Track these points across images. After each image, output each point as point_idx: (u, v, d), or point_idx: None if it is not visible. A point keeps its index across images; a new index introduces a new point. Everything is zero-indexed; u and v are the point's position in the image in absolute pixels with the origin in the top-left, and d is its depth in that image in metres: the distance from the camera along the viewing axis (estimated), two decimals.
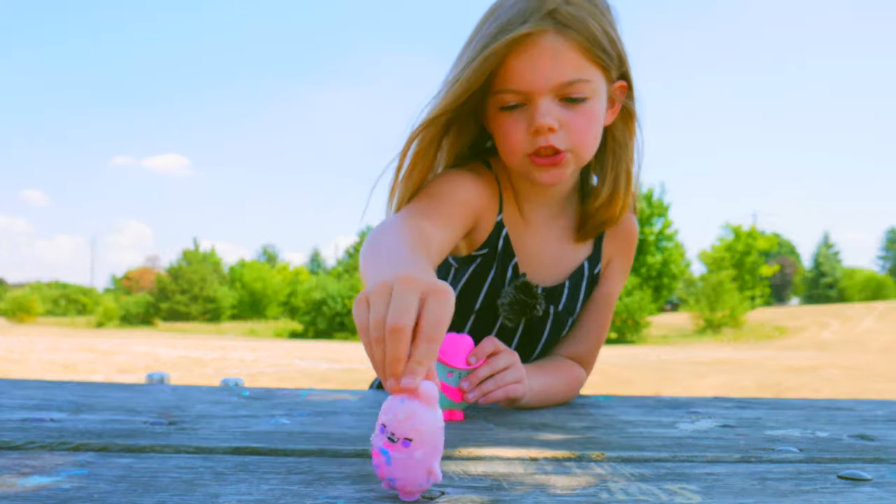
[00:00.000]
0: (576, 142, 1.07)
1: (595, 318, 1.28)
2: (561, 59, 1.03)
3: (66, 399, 1.02)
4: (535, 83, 1.04)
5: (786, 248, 68.34)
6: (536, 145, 1.06)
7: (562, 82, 1.04)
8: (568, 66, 1.04)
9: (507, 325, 1.20)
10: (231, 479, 0.61)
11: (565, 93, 1.05)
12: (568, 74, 1.04)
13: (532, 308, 1.18)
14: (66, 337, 29.30)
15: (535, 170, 1.10)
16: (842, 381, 11.05)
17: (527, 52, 1.03)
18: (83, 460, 0.66)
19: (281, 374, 11.85)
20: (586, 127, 1.08)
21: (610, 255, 1.29)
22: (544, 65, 1.03)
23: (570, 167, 1.11)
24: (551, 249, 1.24)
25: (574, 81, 1.04)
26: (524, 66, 1.03)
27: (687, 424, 1.00)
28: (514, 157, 1.10)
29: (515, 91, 1.05)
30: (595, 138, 1.11)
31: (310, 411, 0.99)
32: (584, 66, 1.05)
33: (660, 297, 38.96)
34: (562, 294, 1.24)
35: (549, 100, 1.05)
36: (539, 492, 0.60)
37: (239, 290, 55.76)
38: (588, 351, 1.27)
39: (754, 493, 0.62)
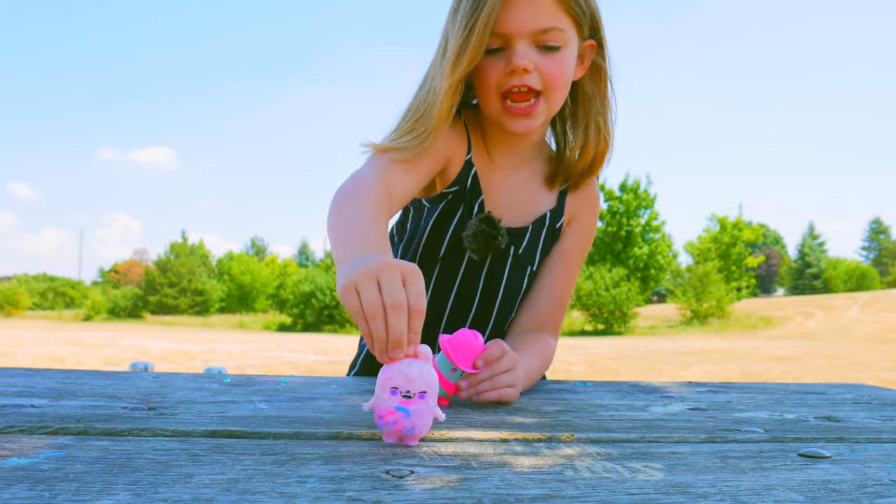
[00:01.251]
0: (548, 85, 1.17)
1: (555, 276, 1.34)
2: (538, 7, 1.14)
3: (47, 386, 1.03)
4: (514, 27, 1.13)
5: (771, 239, 68.70)
6: (510, 84, 1.15)
7: (538, 28, 1.14)
8: (544, 13, 1.14)
9: (473, 258, 1.28)
10: (206, 461, 0.62)
11: (541, 40, 1.15)
12: (544, 21, 1.14)
13: (494, 239, 1.26)
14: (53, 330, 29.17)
15: (508, 118, 1.19)
16: (824, 370, 11.14)
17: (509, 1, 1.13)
18: (61, 443, 0.67)
19: (269, 367, 11.83)
20: (558, 73, 1.17)
21: (572, 212, 1.36)
22: (523, 10, 1.13)
23: (540, 118, 1.20)
24: (517, 193, 1.32)
25: (549, 29, 1.15)
26: (505, 12, 1.13)
27: (658, 408, 1.02)
28: (491, 98, 1.19)
29: (497, 34, 1.14)
30: (565, 86, 1.21)
31: (288, 397, 1.01)
32: (560, 16, 1.16)
33: (647, 288, 39.05)
34: (524, 237, 1.31)
35: (526, 44, 1.14)
36: (506, 470, 0.62)
37: (227, 283, 55.59)
38: (552, 313, 1.33)
39: (715, 471, 0.64)
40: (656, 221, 39.63)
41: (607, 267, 36.12)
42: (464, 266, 1.31)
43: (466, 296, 1.33)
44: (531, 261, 1.32)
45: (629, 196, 39.05)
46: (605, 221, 39.97)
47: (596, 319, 33.07)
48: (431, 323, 1.33)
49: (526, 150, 1.32)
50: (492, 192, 1.30)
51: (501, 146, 1.30)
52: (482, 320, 1.33)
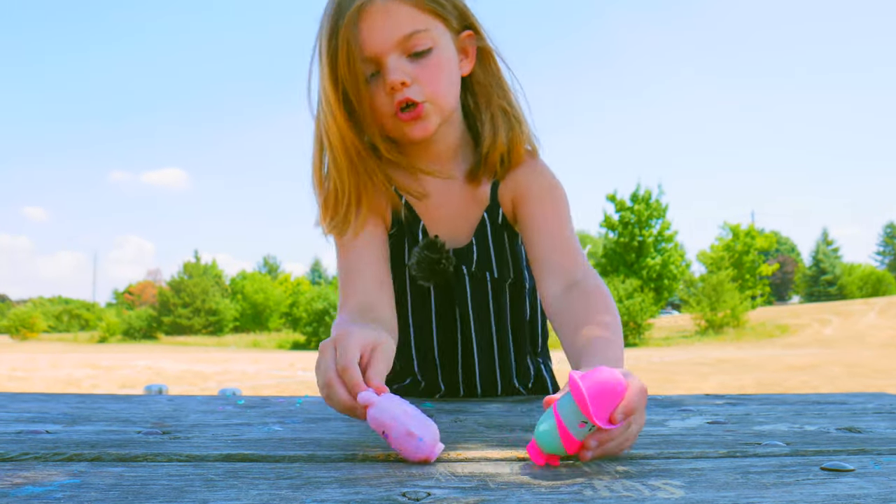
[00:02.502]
0: (430, 92, 1.14)
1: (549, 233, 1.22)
2: (394, 16, 1.12)
3: (61, 411, 1.03)
4: (377, 44, 1.11)
5: (785, 247, 68.37)
6: (395, 102, 1.13)
7: (402, 36, 1.12)
8: (403, 20, 1.12)
9: (423, 284, 1.27)
10: (220, 486, 0.62)
11: (408, 47, 1.12)
12: (405, 28, 1.12)
13: (438, 263, 1.24)
14: (68, 353, 29.31)
15: (403, 127, 1.16)
16: (843, 378, 11.05)
17: (364, 20, 1.11)
18: (76, 470, 0.67)
19: (283, 386, 11.85)
20: (437, 76, 1.15)
21: (511, 193, 1.27)
22: (381, 25, 1.11)
23: (433, 118, 1.17)
24: (453, 208, 1.28)
25: (412, 33, 1.12)
26: (365, 34, 1.11)
27: (677, 422, 1.01)
28: (385, 121, 1.17)
29: (365, 58, 1.13)
30: (449, 85, 1.18)
31: (303, 418, 1.00)
32: (419, 18, 1.13)
33: (660, 298, 38.91)
34: (471, 253, 1.28)
35: (396, 56, 1.12)
36: (524, 490, 0.61)
37: (240, 303, 55.78)
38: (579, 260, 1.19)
39: (736, 487, 0.63)
40: (668, 231, 39.53)
41: (620, 278, 36.04)
42: (432, 294, 1.30)
43: (446, 322, 1.31)
44: (488, 268, 1.29)
45: (641, 206, 38.98)
46: (618, 232, 39.91)
47: None
48: (425, 354, 1.32)
49: (448, 157, 1.28)
50: (429, 214, 1.28)
51: (423, 159, 1.27)
52: (467, 343, 1.30)
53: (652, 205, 39.25)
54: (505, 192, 1.27)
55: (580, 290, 1.11)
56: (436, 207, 1.28)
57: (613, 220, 40.18)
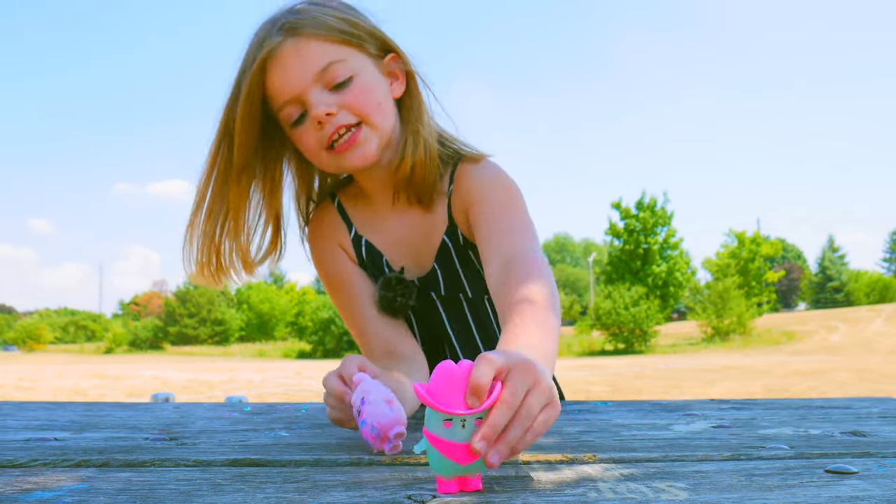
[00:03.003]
0: (361, 113, 1.12)
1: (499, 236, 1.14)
2: (305, 54, 1.09)
3: (69, 419, 1.03)
4: (295, 83, 1.09)
5: (791, 254, 68.18)
6: (327, 135, 1.11)
7: (317, 71, 1.09)
8: (314, 56, 1.10)
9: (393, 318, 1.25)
10: (228, 490, 0.62)
11: (328, 80, 1.10)
12: (318, 63, 1.09)
13: (394, 300, 1.23)
14: (75, 364, 29.34)
15: (341, 158, 1.13)
16: (850, 384, 11.01)
17: (276, 65, 1.10)
18: (84, 476, 0.67)
19: (289, 394, 11.84)
20: (363, 100, 1.12)
21: (462, 208, 1.23)
22: (293, 65, 1.09)
23: (371, 142, 1.14)
24: (414, 236, 1.27)
25: (328, 66, 1.10)
26: (280, 77, 1.10)
27: (681, 426, 1.01)
28: (321, 158, 1.15)
29: (287, 101, 1.11)
30: (380, 105, 1.15)
31: (309, 424, 1.01)
32: (332, 50, 1.11)
33: (666, 305, 38.85)
34: (436, 279, 1.26)
35: (317, 91, 1.10)
36: (529, 493, 0.62)
37: (246, 312, 55.77)
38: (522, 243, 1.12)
39: (740, 489, 0.63)
40: (674, 238, 39.48)
41: (626, 286, 35.98)
42: (413, 320, 1.31)
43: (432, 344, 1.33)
44: (460, 290, 1.28)
45: (646, 214, 38.97)
46: (623, 240, 39.87)
47: (616, 338, 32.87)
48: None
49: (400, 185, 1.24)
50: (391, 247, 1.27)
51: (378, 193, 1.26)
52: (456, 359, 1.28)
53: (657, 212, 39.23)
54: (457, 206, 1.24)
55: (511, 266, 1.06)
56: (394, 238, 1.27)
57: (619, 227, 40.16)
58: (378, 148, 1.16)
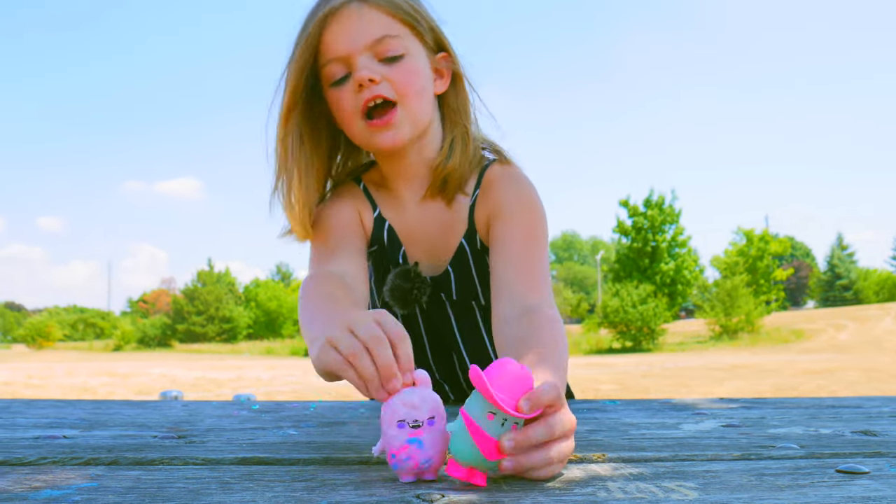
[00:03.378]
0: (401, 93, 1.12)
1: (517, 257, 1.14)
2: (366, 20, 1.11)
3: (78, 417, 1.03)
4: (347, 45, 1.11)
5: (800, 251, 67.96)
6: (364, 99, 1.11)
7: (372, 39, 1.11)
8: (374, 24, 1.11)
9: (399, 312, 1.24)
10: (236, 488, 0.62)
11: (380, 51, 1.11)
12: (375, 32, 1.11)
13: (410, 292, 1.22)
14: (84, 361, 29.46)
15: (373, 134, 1.13)
16: (860, 383, 10.97)
17: (336, 22, 1.11)
18: (93, 474, 0.67)
19: (297, 393, 11.86)
20: (408, 79, 1.13)
21: (486, 211, 1.22)
22: (352, 27, 1.11)
23: (405, 127, 1.14)
24: (432, 233, 1.25)
25: (383, 38, 1.11)
26: (336, 36, 1.11)
27: (690, 425, 1.01)
28: (354, 124, 1.14)
29: (335, 59, 1.12)
30: (421, 93, 1.15)
31: (317, 422, 1.01)
32: (391, 24, 1.13)
33: (674, 304, 38.76)
34: (449, 282, 1.24)
35: (366, 58, 1.11)
36: (538, 492, 0.62)
37: (254, 310, 55.89)
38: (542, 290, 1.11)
39: (751, 489, 0.63)
40: (682, 236, 39.38)
41: (634, 283, 35.91)
42: (420, 319, 1.29)
43: (439, 346, 1.31)
44: (473, 296, 1.26)
45: (654, 212, 38.87)
46: (631, 238, 39.79)
47: (624, 336, 32.81)
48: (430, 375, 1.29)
49: (425, 176, 1.24)
50: (411, 241, 1.25)
51: (400, 180, 1.25)
52: (464, 366, 1.29)
53: (665, 210, 39.13)
54: (480, 212, 1.23)
55: (532, 318, 1.02)
56: (416, 231, 1.25)
57: (626, 225, 40.07)
58: (410, 134, 1.16)
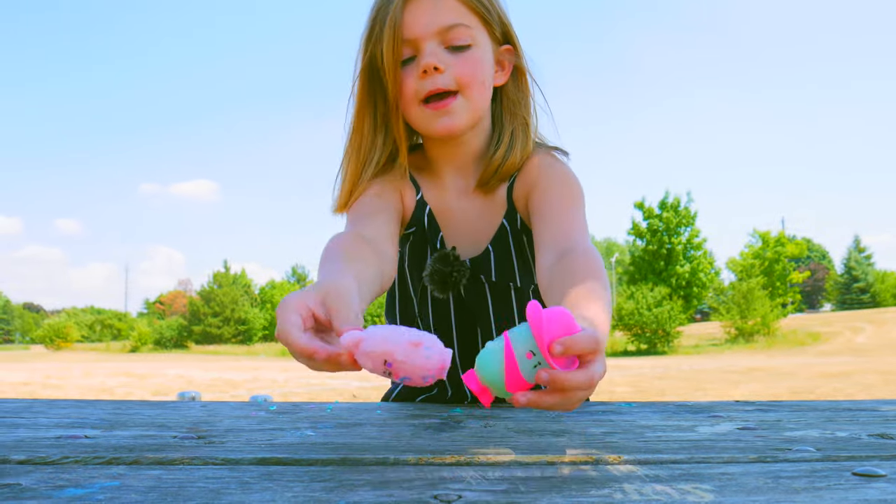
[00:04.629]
0: (462, 82, 1.16)
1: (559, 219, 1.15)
2: (441, 6, 1.16)
3: (98, 417, 1.05)
4: (418, 28, 1.15)
5: (816, 254, 67.50)
6: (426, 89, 1.16)
7: (443, 26, 1.15)
8: (447, 11, 1.16)
9: (437, 296, 1.27)
10: (256, 488, 0.63)
11: (448, 39, 1.15)
12: (447, 19, 1.15)
13: (450, 276, 1.24)
14: (101, 362, 29.65)
15: (429, 119, 1.18)
16: (877, 386, 10.88)
17: (413, 3, 1.15)
18: (115, 473, 0.68)
19: (313, 394, 11.90)
20: (472, 70, 1.17)
21: (524, 193, 1.25)
22: (425, 11, 1.15)
23: (461, 114, 1.18)
24: (472, 218, 1.29)
25: (454, 25, 1.15)
26: (409, 17, 1.15)
27: (706, 428, 1.01)
28: (412, 107, 1.19)
29: (405, 40, 1.15)
30: (482, 84, 1.19)
31: (334, 423, 1.01)
32: (463, 13, 1.17)
33: (689, 306, 38.61)
34: (489, 262, 1.27)
35: (434, 44, 1.15)
36: (555, 493, 0.62)
37: (270, 312, 56.08)
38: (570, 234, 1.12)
39: (767, 491, 0.63)
40: (697, 238, 39.22)
41: (649, 286, 35.80)
42: (451, 304, 1.31)
43: (467, 331, 1.32)
44: (511, 278, 1.28)
45: (669, 214, 38.74)
46: (646, 240, 39.66)
47: (639, 339, 32.71)
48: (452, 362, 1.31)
49: (472, 163, 1.28)
50: (450, 225, 1.28)
51: (448, 166, 1.29)
52: None
53: (681, 212, 39.00)
54: (519, 191, 1.26)
55: (569, 258, 1.03)
56: (455, 217, 1.28)
57: (642, 227, 39.98)
58: (467, 123, 1.20)
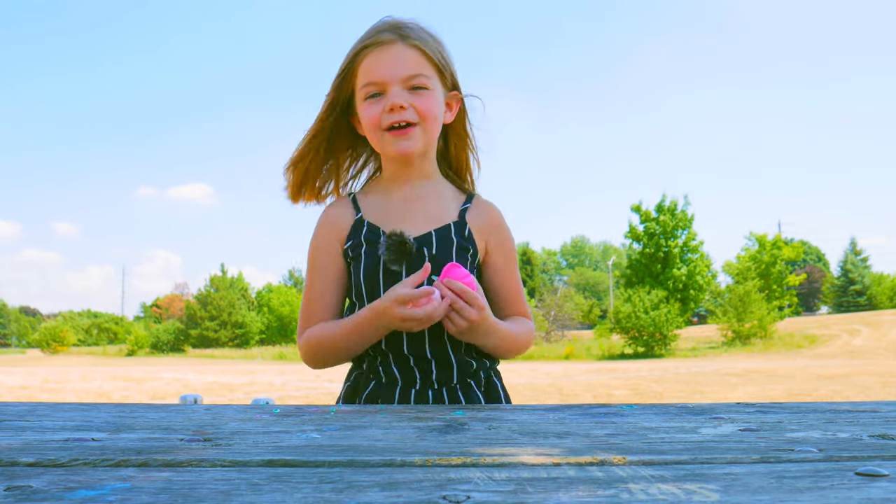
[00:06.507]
0: (422, 116, 1.47)
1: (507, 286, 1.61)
2: (405, 58, 1.46)
3: (104, 420, 1.05)
4: (388, 74, 1.46)
5: (812, 256, 67.56)
6: (391, 121, 1.46)
7: (408, 74, 1.46)
8: (411, 62, 1.46)
9: (392, 268, 1.49)
10: (266, 489, 0.64)
11: (411, 83, 1.46)
12: (411, 69, 1.46)
13: (404, 244, 1.48)
14: (98, 366, 29.58)
15: (390, 142, 1.49)
16: (875, 389, 10.90)
17: (382, 52, 1.46)
18: (125, 475, 0.69)
19: (311, 397, 11.88)
20: (428, 107, 1.48)
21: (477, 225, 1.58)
22: (394, 61, 1.46)
23: (418, 140, 1.49)
24: (416, 212, 1.56)
25: (416, 74, 1.46)
26: (380, 64, 1.46)
27: (709, 429, 1.02)
28: (375, 132, 1.50)
29: (375, 82, 1.46)
30: (436, 119, 1.51)
31: (339, 426, 1.02)
32: (424, 65, 1.48)
33: (687, 309, 38.60)
34: (431, 241, 1.52)
35: (399, 88, 1.46)
36: (562, 493, 0.63)
37: (266, 315, 56.04)
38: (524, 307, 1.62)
39: (771, 491, 0.64)
40: (694, 241, 39.23)
41: (646, 289, 35.79)
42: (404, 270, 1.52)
43: None
44: (447, 258, 1.51)
45: (666, 217, 38.75)
46: (643, 243, 39.67)
47: (636, 342, 32.71)
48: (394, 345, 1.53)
49: (421, 182, 1.59)
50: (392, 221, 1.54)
51: (398, 182, 1.59)
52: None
53: (677, 215, 39.01)
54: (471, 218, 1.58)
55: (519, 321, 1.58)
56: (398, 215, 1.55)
57: (639, 230, 39.98)
58: (421, 147, 1.51)
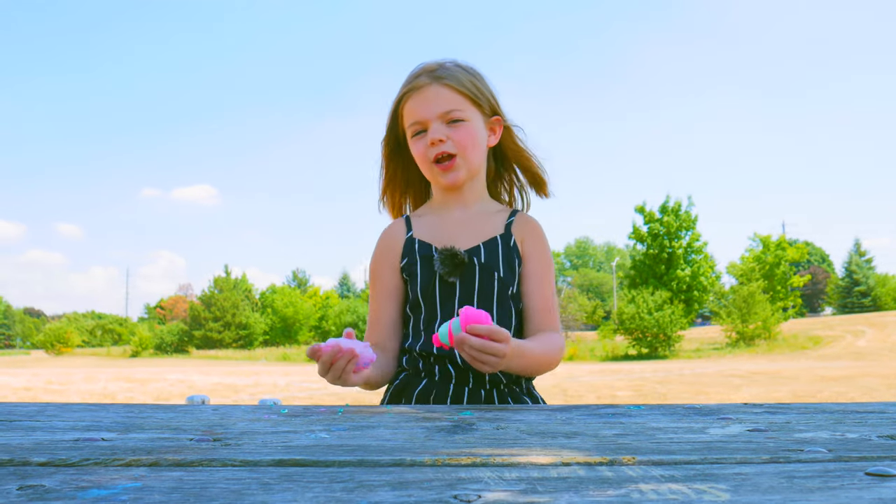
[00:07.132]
0: (460, 147, 1.63)
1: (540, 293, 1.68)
2: (440, 97, 1.63)
3: (113, 420, 1.05)
4: (427, 113, 1.64)
5: (817, 258, 67.43)
6: (435, 153, 1.63)
7: (444, 111, 1.63)
8: (445, 99, 1.63)
9: (448, 280, 1.61)
10: (276, 489, 0.64)
11: (448, 118, 1.63)
12: (446, 106, 1.63)
13: (456, 255, 1.61)
14: (102, 367, 29.62)
15: (439, 174, 1.67)
16: (880, 390, 10.87)
17: (420, 95, 1.65)
18: (136, 474, 0.69)
19: (315, 398, 11.88)
20: (466, 138, 1.64)
21: (520, 236, 1.70)
22: (430, 101, 1.63)
23: (461, 170, 1.66)
24: (464, 229, 1.70)
25: (451, 109, 1.63)
26: (419, 105, 1.65)
27: (717, 429, 1.02)
28: (425, 165, 1.68)
29: (418, 121, 1.65)
30: (475, 147, 1.67)
31: (347, 426, 1.02)
32: (458, 100, 1.64)
33: (691, 310, 38.53)
34: (480, 252, 1.65)
35: (438, 123, 1.63)
36: (572, 493, 0.63)
37: (270, 316, 56.05)
38: (554, 319, 1.67)
39: (782, 491, 0.64)
40: (698, 242, 39.16)
41: (650, 290, 35.75)
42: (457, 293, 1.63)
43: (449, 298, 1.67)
44: (495, 268, 1.63)
45: (670, 218, 38.68)
46: (647, 244, 39.61)
47: (640, 343, 32.68)
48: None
49: (469, 202, 1.73)
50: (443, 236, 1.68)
51: (447, 204, 1.75)
52: None
53: (682, 216, 38.93)
54: (516, 229, 1.70)
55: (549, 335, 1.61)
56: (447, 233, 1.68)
57: (642, 231, 39.92)
58: (465, 176, 1.68)
